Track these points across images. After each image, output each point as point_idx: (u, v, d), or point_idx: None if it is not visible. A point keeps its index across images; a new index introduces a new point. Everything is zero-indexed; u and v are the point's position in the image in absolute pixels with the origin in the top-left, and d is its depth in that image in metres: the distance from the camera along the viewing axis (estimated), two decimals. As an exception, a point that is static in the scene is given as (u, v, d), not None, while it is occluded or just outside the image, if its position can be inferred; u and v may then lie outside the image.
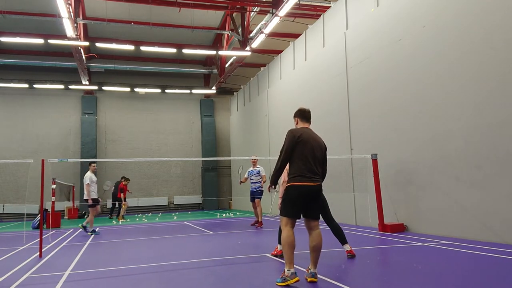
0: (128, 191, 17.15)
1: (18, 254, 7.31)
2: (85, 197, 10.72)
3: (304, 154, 4.34)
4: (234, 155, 22.42)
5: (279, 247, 5.92)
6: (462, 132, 7.03)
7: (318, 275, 4.43)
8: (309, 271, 4.32)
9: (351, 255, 5.61)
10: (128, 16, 17.22)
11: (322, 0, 14.96)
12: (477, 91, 6.77)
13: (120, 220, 15.78)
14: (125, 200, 16.37)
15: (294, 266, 4.23)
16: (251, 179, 11.14)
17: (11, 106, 21.19)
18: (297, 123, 4.75)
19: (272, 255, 6.04)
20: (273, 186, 4.52)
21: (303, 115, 4.72)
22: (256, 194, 10.96)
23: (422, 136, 7.96)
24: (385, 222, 8.42)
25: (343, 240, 5.74)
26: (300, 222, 4.54)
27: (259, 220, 10.77)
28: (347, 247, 5.70)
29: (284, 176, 5.56)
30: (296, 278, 4.14)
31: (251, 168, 11.26)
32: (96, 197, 10.81)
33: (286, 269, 4.17)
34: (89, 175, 10.71)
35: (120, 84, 22.20)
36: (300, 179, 4.29)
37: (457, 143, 7.13)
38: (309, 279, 4.27)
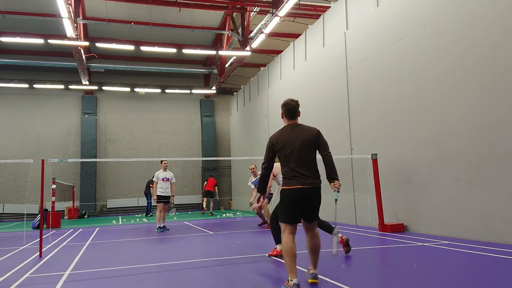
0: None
1: (18, 254, 7.31)
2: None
3: (287, 160, 4.13)
4: (234, 155, 22.42)
5: (278, 247, 5.91)
6: (462, 132, 7.03)
7: (318, 275, 4.42)
8: (310, 272, 4.30)
9: (344, 243, 5.74)
10: (128, 16, 17.22)
11: (322, 0, 14.96)
12: (477, 91, 6.77)
13: (211, 214, 17.19)
14: (214, 196, 18.01)
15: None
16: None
17: (11, 106, 21.18)
18: (282, 117, 4.42)
19: (269, 255, 6.02)
20: (262, 198, 4.45)
21: (286, 111, 4.33)
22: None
23: (422, 136, 7.96)
24: (385, 222, 8.42)
25: (330, 230, 5.68)
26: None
27: (268, 222, 10.72)
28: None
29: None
30: None
31: (253, 179, 11.10)
32: (161, 194, 10.69)
33: (288, 279, 3.88)
34: (156, 173, 10.94)
35: (120, 84, 22.19)
36: (290, 183, 4.08)
37: (457, 143, 7.13)
38: (310, 281, 4.25)
